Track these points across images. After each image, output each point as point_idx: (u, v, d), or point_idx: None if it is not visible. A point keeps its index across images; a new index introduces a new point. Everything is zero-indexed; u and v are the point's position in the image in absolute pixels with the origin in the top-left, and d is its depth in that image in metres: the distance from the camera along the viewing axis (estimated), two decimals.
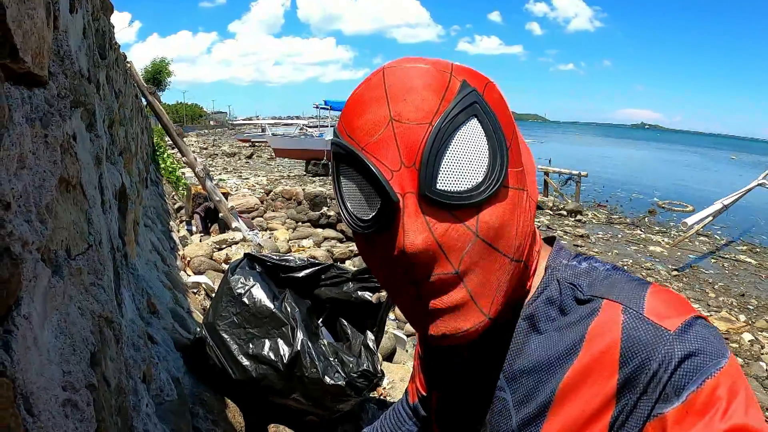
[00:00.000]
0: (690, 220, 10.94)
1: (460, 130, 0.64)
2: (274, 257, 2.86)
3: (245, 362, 2.39)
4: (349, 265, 8.40)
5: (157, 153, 9.85)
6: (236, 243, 6.84)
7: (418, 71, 0.66)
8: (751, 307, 8.53)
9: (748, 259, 11.73)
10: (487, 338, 0.76)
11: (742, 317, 7.97)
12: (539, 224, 13.97)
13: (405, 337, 5.83)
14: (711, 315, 8.00)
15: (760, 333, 7.39)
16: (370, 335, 2.65)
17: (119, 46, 3.87)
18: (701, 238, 13.27)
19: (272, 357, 2.38)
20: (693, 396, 0.59)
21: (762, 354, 6.68)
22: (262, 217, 11.06)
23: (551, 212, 15.91)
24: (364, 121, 0.66)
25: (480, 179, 0.64)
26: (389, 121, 0.64)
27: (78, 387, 0.81)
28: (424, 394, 1.13)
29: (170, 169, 10.48)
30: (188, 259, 5.44)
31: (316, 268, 2.83)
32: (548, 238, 0.85)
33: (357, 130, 0.67)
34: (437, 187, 0.63)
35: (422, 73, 0.66)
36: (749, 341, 7.04)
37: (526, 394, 0.74)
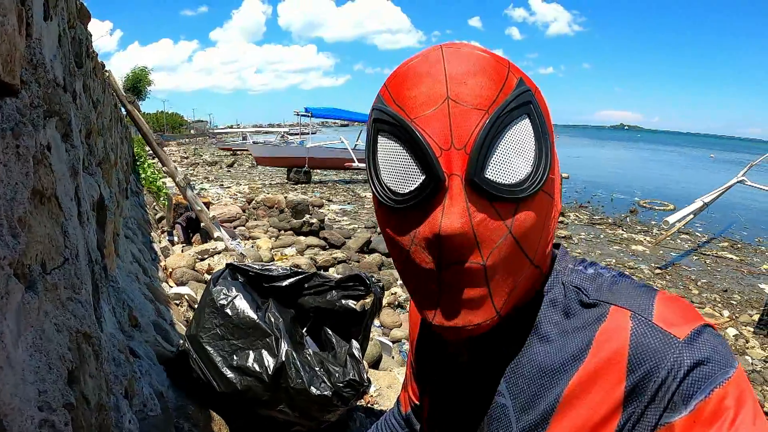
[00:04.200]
0: (671, 219, 11.03)
1: (514, 124, 0.64)
2: (257, 267, 2.83)
3: (230, 374, 2.36)
4: (333, 273, 8.37)
5: (138, 163, 9.78)
6: (218, 253, 6.79)
7: (479, 57, 0.65)
8: (735, 302, 8.60)
9: (730, 255, 11.84)
10: (487, 340, 0.75)
11: (726, 312, 8.04)
12: None
13: (390, 344, 5.80)
14: None
15: (744, 327, 7.46)
16: (355, 344, 2.63)
17: (97, 54, 3.83)
18: (683, 235, 13.38)
19: (257, 368, 2.36)
20: (701, 405, 0.58)
21: (747, 348, 6.74)
22: (244, 226, 11.00)
23: None
24: (418, 93, 0.65)
25: (525, 176, 0.64)
26: (445, 99, 0.63)
27: (55, 406, 0.79)
28: (416, 402, 1.12)
29: (151, 178, 10.41)
30: (170, 270, 5.39)
31: (299, 277, 2.80)
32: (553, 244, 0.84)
33: (408, 100, 0.65)
34: (485, 175, 0.62)
35: (483, 60, 0.65)
36: (734, 336, 7.11)
37: (528, 399, 0.73)
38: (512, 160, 0.64)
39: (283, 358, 2.36)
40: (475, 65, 0.64)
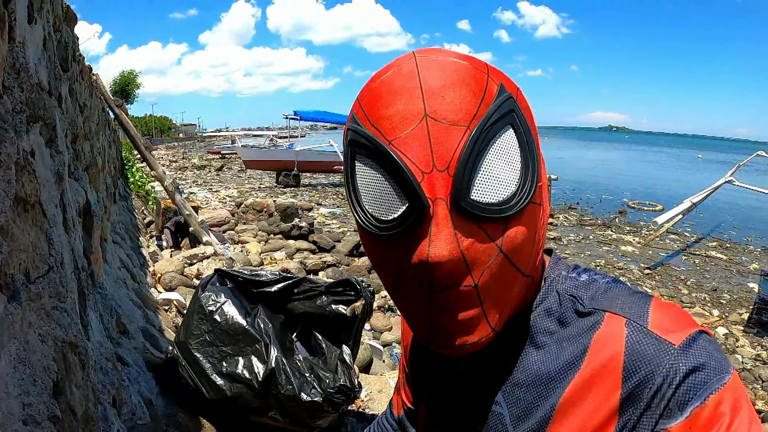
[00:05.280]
0: (660, 219, 11.06)
1: (497, 138, 0.61)
2: (245, 272, 2.81)
3: (219, 381, 2.34)
4: (322, 276, 8.36)
5: (126, 167, 9.74)
6: (207, 257, 6.75)
7: (456, 66, 0.62)
8: (724, 302, 8.69)
9: (719, 255, 11.94)
10: (483, 350, 0.72)
11: (716, 312, 8.12)
12: None
13: (381, 348, 5.80)
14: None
15: (733, 326, 7.53)
16: (346, 349, 2.62)
17: (84, 58, 3.80)
18: (672, 236, 13.47)
19: (247, 375, 2.34)
20: (697, 411, 0.58)
21: (737, 347, 6.81)
22: (233, 230, 10.94)
23: None
24: (394, 112, 0.61)
25: (511, 193, 0.62)
26: (423, 117, 0.60)
27: (40, 420, 0.77)
28: (410, 406, 1.11)
29: (139, 183, 10.36)
30: (159, 275, 5.35)
31: (289, 282, 2.78)
32: (545, 249, 0.82)
33: (384, 120, 0.62)
34: (471, 197, 0.59)
35: (460, 69, 0.62)
36: (724, 335, 7.17)
37: (524, 408, 0.72)
38: (498, 177, 0.61)
39: (273, 365, 2.34)
40: (453, 76, 0.61)
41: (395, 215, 0.62)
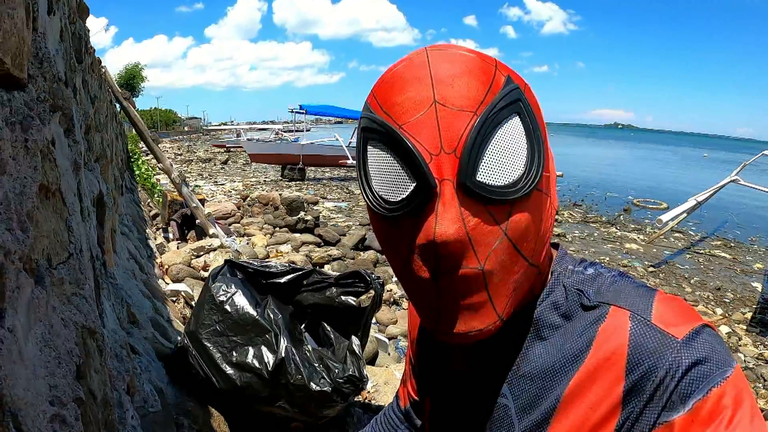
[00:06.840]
0: (665, 217, 11.02)
1: (504, 124, 0.63)
2: (255, 263, 2.83)
3: (229, 371, 2.36)
4: (328, 270, 8.37)
5: (132, 159, 9.76)
6: (214, 250, 6.77)
7: (465, 58, 0.64)
8: (727, 300, 8.65)
9: (723, 254, 11.89)
10: (488, 342, 0.74)
11: (719, 310, 8.09)
12: None
13: (387, 341, 5.81)
14: None
15: (737, 325, 7.51)
16: (355, 340, 2.63)
17: (94, 50, 3.81)
18: (676, 234, 13.42)
19: (256, 365, 2.35)
20: (699, 404, 0.59)
21: (740, 346, 6.79)
22: (239, 222, 10.98)
23: None
24: (405, 98, 0.64)
25: (517, 177, 0.63)
26: (432, 103, 0.62)
27: (65, 401, 0.78)
28: (415, 398, 1.12)
29: (145, 175, 10.39)
30: (166, 266, 5.37)
31: (298, 273, 2.80)
32: (552, 243, 0.83)
33: (395, 106, 0.64)
34: (477, 178, 0.61)
35: (469, 60, 0.64)
36: (727, 334, 7.15)
37: (529, 400, 0.73)
38: (504, 161, 0.63)
39: (283, 354, 2.35)
40: (461, 66, 0.64)
41: (403, 196, 0.64)
